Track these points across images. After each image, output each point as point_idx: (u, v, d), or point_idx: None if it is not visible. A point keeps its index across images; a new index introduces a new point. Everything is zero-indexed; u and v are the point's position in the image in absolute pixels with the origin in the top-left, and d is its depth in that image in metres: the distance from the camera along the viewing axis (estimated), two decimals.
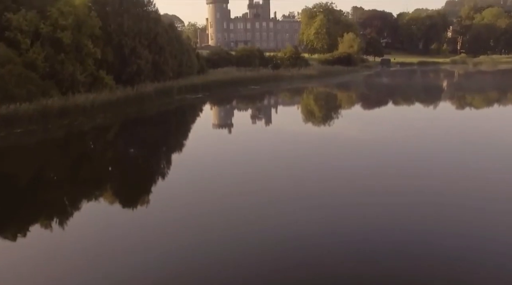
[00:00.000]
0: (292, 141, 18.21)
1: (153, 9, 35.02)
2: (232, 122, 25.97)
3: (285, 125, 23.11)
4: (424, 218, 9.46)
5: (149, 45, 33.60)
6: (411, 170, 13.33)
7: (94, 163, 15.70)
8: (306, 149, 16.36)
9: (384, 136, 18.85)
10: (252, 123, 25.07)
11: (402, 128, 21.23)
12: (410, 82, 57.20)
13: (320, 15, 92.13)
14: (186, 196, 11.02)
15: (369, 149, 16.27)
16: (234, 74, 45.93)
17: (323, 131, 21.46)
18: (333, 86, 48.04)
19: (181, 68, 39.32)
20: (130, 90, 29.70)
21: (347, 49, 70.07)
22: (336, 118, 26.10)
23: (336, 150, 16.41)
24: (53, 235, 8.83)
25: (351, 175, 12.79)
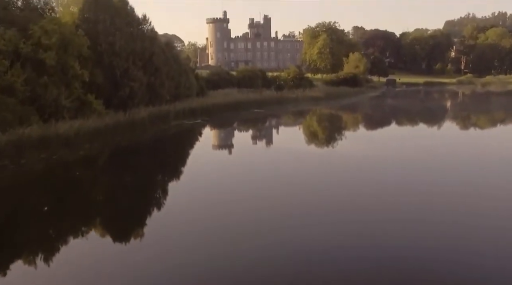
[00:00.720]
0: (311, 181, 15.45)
1: (149, 28, 32.72)
2: (234, 155, 22.66)
3: (299, 164, 20.28)
4: (429, 236, 9.92)
5: (143, 66, 31.15)
6: (412, 188, 14.17)
7: (72, 203, 12.94)
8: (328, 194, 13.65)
9: (400, 159, 18.16)
10: (259, 159, 20.16)
11: (428, 161, 18.48)
12: (424, 105, 54.35)
13: (323, 34, 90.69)
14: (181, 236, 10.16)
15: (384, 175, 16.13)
16: (236, 96, 43.48)
17: (344, 166, 18.68)
18: (343, 110, 45.46)
19: (178, 90, 36.84)
20: (122, 115, 27.08)
21: (352, 69, 67.99)
22: (359, 152, 23.24)
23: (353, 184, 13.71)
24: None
25: (356, 193, 13.56)
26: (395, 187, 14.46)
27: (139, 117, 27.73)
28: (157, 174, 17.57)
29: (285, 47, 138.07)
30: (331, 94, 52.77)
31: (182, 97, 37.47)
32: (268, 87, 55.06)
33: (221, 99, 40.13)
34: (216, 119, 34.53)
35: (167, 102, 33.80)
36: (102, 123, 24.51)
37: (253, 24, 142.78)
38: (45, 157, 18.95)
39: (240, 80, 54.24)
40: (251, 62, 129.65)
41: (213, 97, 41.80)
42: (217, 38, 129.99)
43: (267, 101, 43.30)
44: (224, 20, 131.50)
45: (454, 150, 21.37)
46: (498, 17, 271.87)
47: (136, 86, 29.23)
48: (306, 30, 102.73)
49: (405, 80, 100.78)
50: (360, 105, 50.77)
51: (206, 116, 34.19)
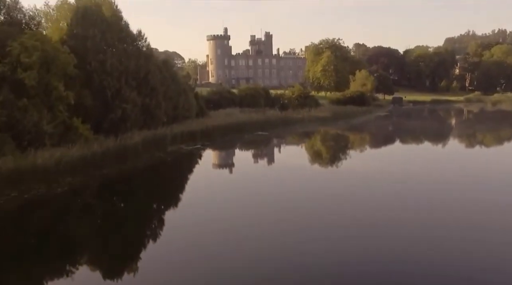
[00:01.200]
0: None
1: (144, 44, 30.25)
2: (241, 191, 19.01)
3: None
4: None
5: (138, 86, 28.55)
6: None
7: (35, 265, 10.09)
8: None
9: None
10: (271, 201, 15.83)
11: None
12: (439, 126, 51.08)
13: (326, 51, 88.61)
14: None
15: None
16: (238, 117, 40.82)
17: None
18: (354, 131, 42.80)
19: (176, 111, 34.20)
20: (113, 141, 24.32)
21: (359, 87, 65.56)
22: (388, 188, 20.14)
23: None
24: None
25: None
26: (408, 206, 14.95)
27: (132, 143, 24.96)
28: (150, 221, 14.68)
29: (287, 64, 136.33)
30: (339, 114, 50.14)
31: (181, 118, 34.85)
32: (272, 107, 52.54)
33: (223, 120, 37.47)
34: (217, 144, 31.77)
35: (164, 125, 31.17)
36: (89, 151, 21.72)
37: (254, 41, 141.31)
38: (16, 195, 16.10)
39: (242, 99, 51.72)
40: (252, 80, 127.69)
41: (214, 118, 39.20)
42: (217, 55, 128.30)
43: (272, 122, 40.61)
44: (225, 37, 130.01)
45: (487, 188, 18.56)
46: (498, 35, 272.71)
47: (129, 108, 26.55)
48: (309, 47, 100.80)
49: (411, 98, 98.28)
50: (370, 126, 48.07)
51: (207, 139, 31.46)
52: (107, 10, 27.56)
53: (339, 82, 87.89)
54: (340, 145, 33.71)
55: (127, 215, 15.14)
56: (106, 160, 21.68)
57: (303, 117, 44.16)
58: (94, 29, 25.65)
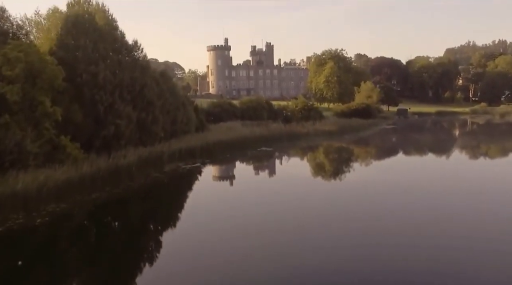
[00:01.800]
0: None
1: (141, 55, 28.49)
2: (248, 220, 16.15)
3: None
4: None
5: (133, 99, 26.72)
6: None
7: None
8: None
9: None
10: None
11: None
12: (450, 141, 48.70)
13: (329, 62, 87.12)
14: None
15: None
16: (240, 131, 38.96)
17: None
18: (362, 146, 40.88)
19: (175, 126, 32.38)
20: (104, 160, 22.39)
21: (364, 99, 63.81)
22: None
23: None
24: None
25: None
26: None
27: (126, 162, 23.03)
28: (143, 256, 12.65)
29: (288, 75, 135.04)
30: (345, 127, 48.27)
31: (179, 133, 33.02)
32: (275, 119, 50.75)
33: (224, 135, 35.58)
34: (219, 161, 29.82)
35: (162, 140, 29.31)
36: (77, 173, 19.77)
37: (255, 52, 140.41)
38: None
39: (244, 112, 49.96)
40: (253, 91, 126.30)
41: (215, 132, 37.38)
42: (218, 66, 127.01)
43: (276, 136, 38.70)
44: (225, 48, 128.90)
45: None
46: (499, 45, 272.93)
47: (123, 124, 24.65)
48: (311, 58, 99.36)
49: (416, 109, 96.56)
50: (378, 140, 46.11)
51: (207, 156, 29.52)
52: (101, 19, 25.83)
53: (343, 94, 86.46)
54: (350, 162, 31.72)
55: (116, 248, 13.14)
56: (96, 183, 19.71)
57: (308, 131, 42.27)
58: (85, 39, 23.87)
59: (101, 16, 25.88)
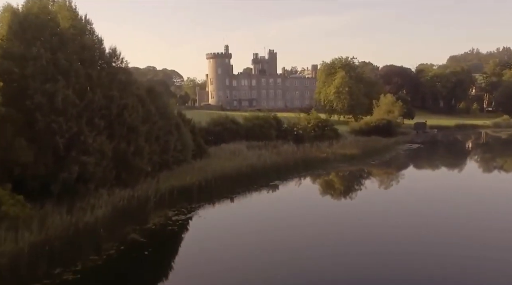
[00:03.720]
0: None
1: (121, 65, 22.25)
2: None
3: None
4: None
5: (109, 126, 20.45)
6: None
7: None
8: None
9: None
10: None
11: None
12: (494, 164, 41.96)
13: (340, 71, 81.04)
14: None
15: None
16: (246, 156, 32.66)
17: None
18: (408, 183, 31.92)
19: (166, 155, 26.08)
20: (61, 217, 15.99)
21: (384, 114, 57.58)
22: None
23: None
24: None
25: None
26: None
27: (93, 218, 16.59)
28: None
29: (293, 85, 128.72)
30: (367, 149, 41.87)
31: (172, 164, 26.73)
32: (284, 139, 44.53)
33: (227, 164, 29.22)
34: (221, 209, 23.16)
35: (148, 176, 23.01)
36: (8, 247, 13.33)
37: (258, 60, 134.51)
38: None
39: (249, 131, 43.70)
40: (255, 101, 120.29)
41: (216, 159, 31.17)
42: (218, 75, 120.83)
43: (289, 163, 32.35)
44: (226, 55, 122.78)
45: None
46: (503, 52, 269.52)
47: (91, 161, 18.31)
48: (321, 66, 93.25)
49: (432, 122, 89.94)
50: (411, 165, 39.55)
51: (206, 198, 23.21)
52: (65, 20, 19.60)
53: (354, 105, 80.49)
54: (404, 214, 25.25)
55: None
56: (38, 264, 13.26)
57: (327, 156, 35.87)
58: (40, 46, 17.58)
59: (65, 15, 19.64)
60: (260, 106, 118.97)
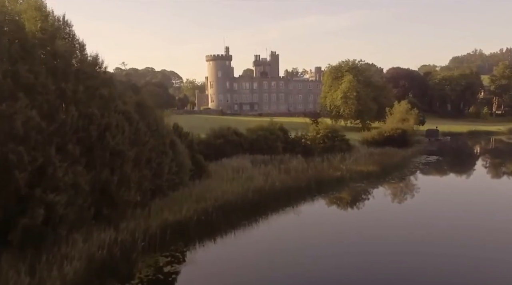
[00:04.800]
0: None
1: (99, 70, 18.64)
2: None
3: None
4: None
5: (86, 152, 16.82)
6: None
7: None
8: None
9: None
10: None
11: None
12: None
13: (347, 75, 77.42)
14: None
15: None
16: (251, 176, 29.02)
17: None
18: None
19: (159, 180, 22.42)
20: (18, 276, 12.40)
21: (399, 122, 53.91)
22: None
23: None
24: None
25: None
26: None
27: (60, 278, 12.95)
28: None
29: (296, 88, 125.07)
30: (384, 164, 38.19)
31: (167, 189, 23.08)
32: (292, 151, 40.87)
33: (229, 186, 25.55)
34: (225, 250, 19.29)
35: (137, 206, 19.41)
36: None
37: (259, 62, 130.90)
38: None
39: (254, 143, 40.03)
40: (257, 105, 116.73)
41: (217, 180, 27.59)
42: (218, 78, 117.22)
43: (301, 184, 28.71)
44: (226, 57, 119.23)
45: None
46: (507, 53, 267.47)
47: (62, 199, 14.66)
48: (326, 70, 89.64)
49: (443, 128, 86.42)
50: (437, 185, 35.60)
51: (205, 236, 19.50)
52: (31, 21, 15.95)
53: (362, 111, 76.90)
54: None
55: None
56: None
57: (342, 175, 32.20)
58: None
59: (33, 16, 15.98)
60: (262, 110, 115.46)
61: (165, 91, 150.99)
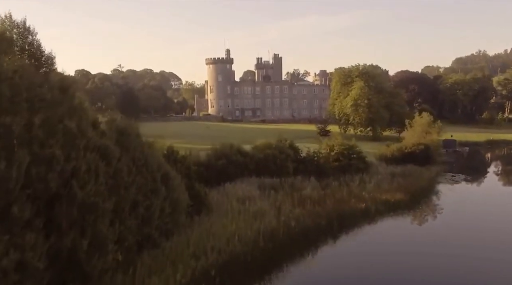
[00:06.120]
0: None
1: (69, 93, 14.18)
2: None
3: None
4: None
5: (46, 209, 12.40)
6: None
7: None
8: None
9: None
10: None
11: None
12: None
13: (358, 81, 73.05)
14: None
15: None
16: (259, 210, 24.67)
17: None
18: None
19: (148, 227, 17.94)
20: None
21: (420, 137, 49.45)
22: None
23: None
24: None
25: None
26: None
27: None
28: None
29: (300, 93, 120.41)
30: (411, 188, 33.70)
31: (158, 237, 18.62)
32: (304, 172, 36.49)
33: (235, 228, 21.12)
34: None
35: (118, 268, 15.00)
36: None
37: (261, 65, 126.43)
38: None
39: (260, 163, 35.54)
40: (259, 111, 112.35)
41: (219, 216, 23.30)
42: (218, 82, 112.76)
43: (319, 221, 24.28)
44: (227, 61, 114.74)
45: None
46: (511, 54, 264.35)
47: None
48: (335, 75, 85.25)
49: (458, 136, 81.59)
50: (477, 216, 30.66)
51: None
52: None
53: (373, 119, 72.59)
54: None
55: None
56: None
57: (367, 206, 27.73)
58: None
59: None
60: (264, 116, 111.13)
61: (163, 94, 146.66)
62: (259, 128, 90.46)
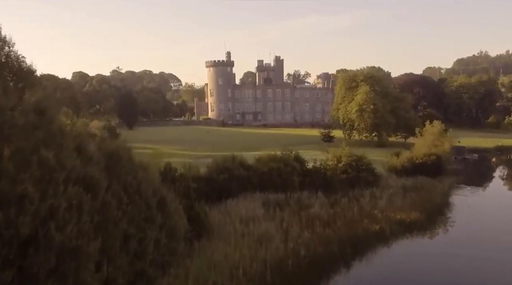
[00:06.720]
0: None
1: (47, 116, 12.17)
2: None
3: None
4: None
5: (17, 257, 10.41)
6: None
7: None
8: None
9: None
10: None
11: None
12: None
13: (363, 85, 71.16)
14: None
15: None
16: (264, 233, 22.81)
17: None
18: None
19: (142, 262, 15.97)
20: None
21: (431, 146, 47.46)
22: None
23: None
24: None
25: None
26: None
27: None
28: None
29: (302, 96, 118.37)
30: (425, 204, 31.74)
31: (152, 274, 16.63)
32: (310, 186, 34.63)
33: (239, 257, 19.24)
34: None
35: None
36: None
37: (262, 67, 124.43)
38: None
39: (264, 177, 33.64)
40: (261, 115, 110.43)
41: (221, 241, 21.43)
42: (218, 86, 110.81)
43: (330, 247, 22.23)
44: (228, 63, 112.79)
45: None
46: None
47: None
48: (339, 79, 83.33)
49: (466, 141, 79.81)
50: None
51: None
52: None
53: (378, 124, 70.73)
54: None
55: None
56: None
57: (381, 227, 25.72)
58: None
59: None
60: (266, 120, 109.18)
61: (162, 97, 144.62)
62: (261, 133, 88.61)
